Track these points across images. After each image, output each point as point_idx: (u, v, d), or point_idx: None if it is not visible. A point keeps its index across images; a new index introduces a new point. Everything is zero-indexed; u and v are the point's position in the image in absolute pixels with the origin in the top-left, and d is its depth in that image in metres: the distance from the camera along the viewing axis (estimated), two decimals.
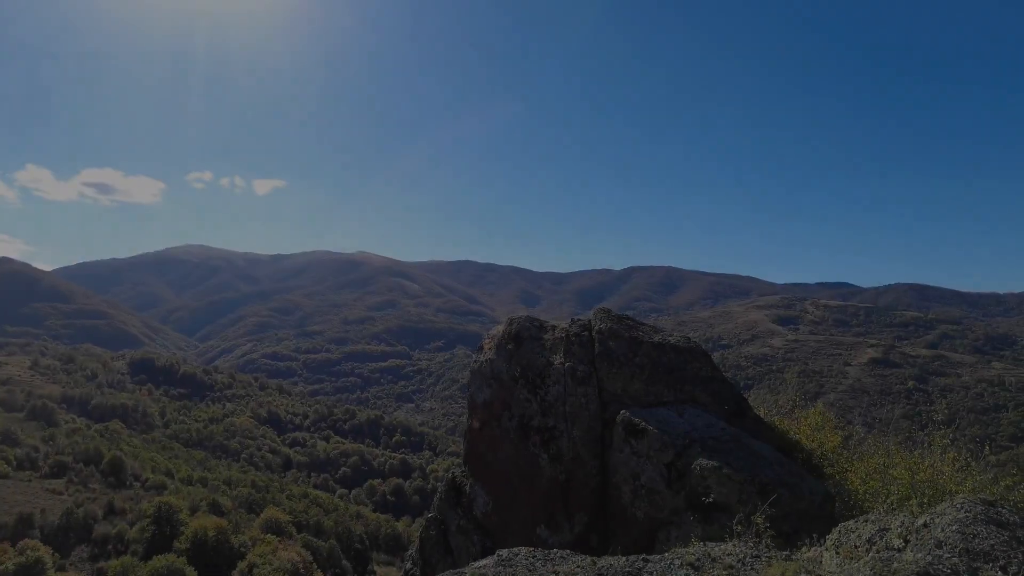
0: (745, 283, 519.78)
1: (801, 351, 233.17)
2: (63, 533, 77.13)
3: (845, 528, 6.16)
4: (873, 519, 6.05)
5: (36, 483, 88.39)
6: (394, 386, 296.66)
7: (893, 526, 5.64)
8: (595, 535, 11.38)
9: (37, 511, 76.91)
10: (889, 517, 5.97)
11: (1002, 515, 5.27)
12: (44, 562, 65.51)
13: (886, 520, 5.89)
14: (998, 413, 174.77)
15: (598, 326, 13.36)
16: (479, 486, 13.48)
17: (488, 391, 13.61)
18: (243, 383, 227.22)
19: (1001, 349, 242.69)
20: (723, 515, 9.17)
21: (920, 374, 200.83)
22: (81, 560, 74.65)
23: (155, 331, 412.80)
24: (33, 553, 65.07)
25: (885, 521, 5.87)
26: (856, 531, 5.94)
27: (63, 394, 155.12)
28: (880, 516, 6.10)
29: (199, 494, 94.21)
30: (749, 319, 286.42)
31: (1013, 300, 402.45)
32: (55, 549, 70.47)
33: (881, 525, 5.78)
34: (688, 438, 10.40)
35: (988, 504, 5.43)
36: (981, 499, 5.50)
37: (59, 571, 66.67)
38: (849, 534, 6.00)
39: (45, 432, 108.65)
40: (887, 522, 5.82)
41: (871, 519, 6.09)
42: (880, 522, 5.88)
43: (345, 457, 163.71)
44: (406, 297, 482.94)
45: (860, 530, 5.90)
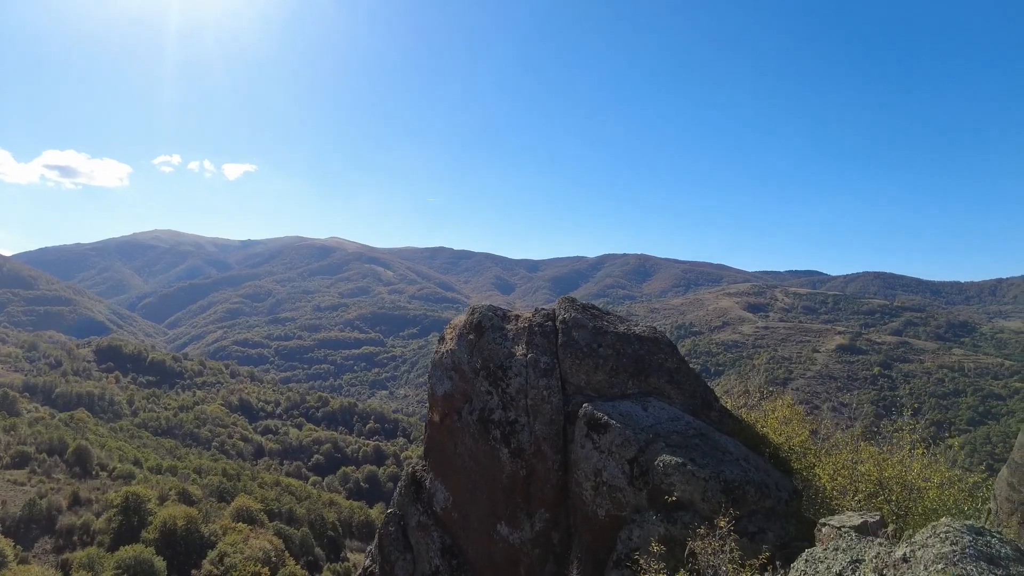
0: (717, 271, 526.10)
1: (771, 338, 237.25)
2: (25, 524, 75.09)
3: (812, 558, 5.52)
4: (844, 547, 5.38)
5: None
6: (368, 373, 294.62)
7: (867, 557, 4.99)
8: (556, 532, 11.07)
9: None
10: (863, 546, 5.31)
11: (992, 547, 4.53)
12: (5, 554, 63.69)
13: (859, 549, 5.24)
14: (957, 398, 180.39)
15: (562, 315, 12.94)
16: (439, 481, 13.14)
17: (448, 383, 13.21)
18: (214, 370, 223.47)
19: (961, 336, 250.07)
20: (686, 514, 8.88)
21: (885, 360, 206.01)
22: (45, 552, 72.83)
23: (123, 318, 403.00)
24: None
25: (858, 551, 5.20)
26: (825, 562, 5.29)
27: (25, 382, 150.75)
28: (852, 544, 5.42)
29: (168, 483, 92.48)
30: (720, 306, 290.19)
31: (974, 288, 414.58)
32: (17, 541, 68.55)
33: (853, 555, 5.12)
34: (652, 432, 10.07)
35: (976, 533, 4.68)
36: (967, 527, 4.75)
37: (21, 563, 64.98)
38: (817, 564, 5.35)
39: (6, 422, 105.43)
40: (860, 552, 5.15)
41: (842, 547, 5.41)
42: (852, 551, 5.21)
43: (318, 445, 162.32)
44: (380, 284, 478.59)
45: (829, 561, 5.26)
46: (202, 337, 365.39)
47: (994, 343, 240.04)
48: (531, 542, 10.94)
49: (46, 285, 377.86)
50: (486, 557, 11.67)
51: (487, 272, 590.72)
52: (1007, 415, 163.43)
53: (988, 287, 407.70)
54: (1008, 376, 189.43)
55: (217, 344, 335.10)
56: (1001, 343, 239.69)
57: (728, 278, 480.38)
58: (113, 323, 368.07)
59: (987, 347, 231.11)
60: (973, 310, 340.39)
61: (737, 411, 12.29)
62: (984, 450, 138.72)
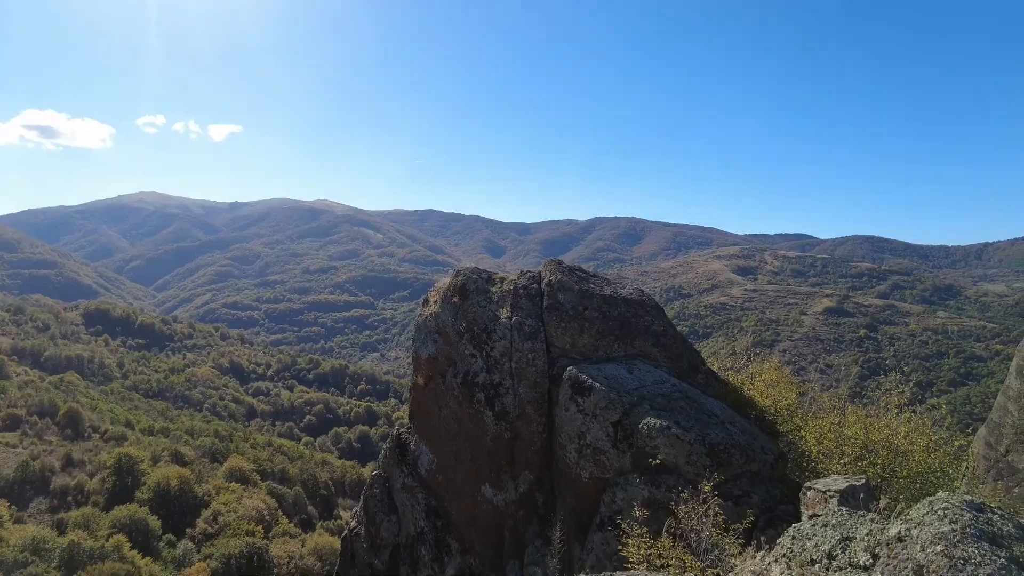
0: (707, 234, 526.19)
1: (759, 301, 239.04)
2: (19, 485, 75.54)
3: (800, 532, 5.01)
4: (834, 523, 4.90)
5: None
6: (359, 336, 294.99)
7: (858, 535, 4.56)
8: (541, 494, 11.06)
9: None
10: (854, 522, 4.83)
11: (994, 525, 4.13)
12: (0, 515, 64.29)
13: (850, 526, 4.76)
14: (940, 360, 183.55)
15: (548, 278, 12.68)
16: (424, 443, 13.07)
17: (432, 346, 13.02)
18: (203, 333, 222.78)
19: (947, 299, 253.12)
20: (671, 477, 8.82)
21: (871, 323, 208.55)
22: (40, 512, 73.45)
23: (110, 281, 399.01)
24: None
25: (849, 527, 4.73)
26: (813, 539, 4.81)
27: (13, 346, 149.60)
28: (842, 519, 4.94)
29: (161, 444, 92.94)
30: (709, 269, 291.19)
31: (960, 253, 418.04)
32: (11, 502, 69.07)
33: (844, 532, 4.67)
34: (637, 395, 9.96)
35: (977, 510, 4.28)
36: (967, 503, 4.37)
37: (17, 523, 65.56)
38: (804, 542, 4.85)
39: None
40: (851, 528, 4.69)
41: (831, 523, 4.93)
42: (843, 528, 4.75)
43: (310, 406, 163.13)
44: (369, 247, 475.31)
45: (818, 538, 4.77)
46: (191, 300, 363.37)
47: (978, 306, 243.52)
48: (515, 504, 10.94)
49: (30, 248, 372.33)
50: (470, 518, 11.73)
51: (477, 235, 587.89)
52: (987, 376, 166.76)
53: (975, 251, 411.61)
54: (990, 338, 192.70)
55: (206, 307, 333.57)
56: (985, 306, 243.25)
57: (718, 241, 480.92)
58: (100, 286, 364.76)
59: (971, 310, 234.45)
60: (959, 274, 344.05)
61: (724, 374, 12.17)
62: (964, 410, 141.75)
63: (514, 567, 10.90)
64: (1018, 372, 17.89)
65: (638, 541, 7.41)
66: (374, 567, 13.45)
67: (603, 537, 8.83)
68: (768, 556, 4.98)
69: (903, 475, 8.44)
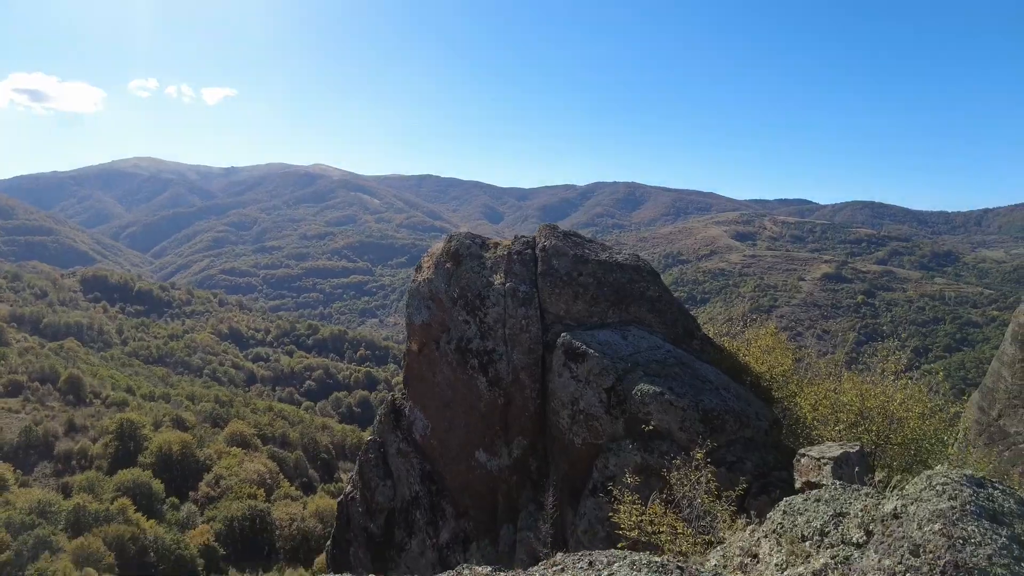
0: (706, 199, 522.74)
1: (757, 266, 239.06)
2: (23, 450, 76.49)
3: (791, 507, 4.76)
4: (827, 498, 4.63)
5: None
6: (357, 302, 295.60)
7: (852, 511, 4.33)
8: (534, 460, 11.07)
9: None
10: (848, 497, 4.56)
11: (995, 501, 3.89)
12: (5, 478, 65.15)
13: (844, 501, 4.50)
14: (936, 325, 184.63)
15: (542, 243, 12.50)
16: (418, 409, 13.08)
17: (426, 312, 12.94)
18: (202, 299, 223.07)
19: (945, 265, 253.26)
20: (663, 443, 8.81)
21: (869, 289, 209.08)
22: (45, 476, 74.53)
23: (107, 248, 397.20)
24: None
25: (842, 502, 4.47)
26: (805, 515, 4.56)
27: (11, 313, 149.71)
28: (835, 494, 4.67)
29: (162, 410, 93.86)
30: (708, 235, 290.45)
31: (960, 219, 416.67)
32: (16, 466, 69.97)
33: (837, 508, 4.42)
34: (631, 361, 9.88)
35: (977, 485, 4.05)
36: (967, 478, 4.14)
37: (22, 487, 66.56)
38: (796, 517, 4.61)
39: None
40: (844, 504, 4.43)
41: (824, 498, 4.67)
42: (836, 503, 4.49)
43: (310, 371, 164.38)
44: (366, 212, 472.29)
45: (810, 514, 4.53)
46: (188, 266, 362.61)
47: (975, 272, 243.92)
48: (509, 469, 11.00)
49: (25, 215, 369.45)
50: (465, 483, 11.84)
51: (475, 201, 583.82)
52: (982, 342, 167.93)
53: (974, 217, 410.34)
54: (986, 304, 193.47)
55: (204, 273, 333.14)
56: (982, 272, 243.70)
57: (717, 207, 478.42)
58: (97, 253, 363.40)
59: (969, 276, 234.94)
60: (958, 240, 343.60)
61: (720, 340, 12.10)
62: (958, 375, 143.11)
63: (508, 531, 11.04)
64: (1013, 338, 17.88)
65: (630, 508, 7.43)
66: (369, 531, 13.64)
67: (595, 502, 8.88)
68: (758, 531, 4.70)
69: (897, 442, 8.42)
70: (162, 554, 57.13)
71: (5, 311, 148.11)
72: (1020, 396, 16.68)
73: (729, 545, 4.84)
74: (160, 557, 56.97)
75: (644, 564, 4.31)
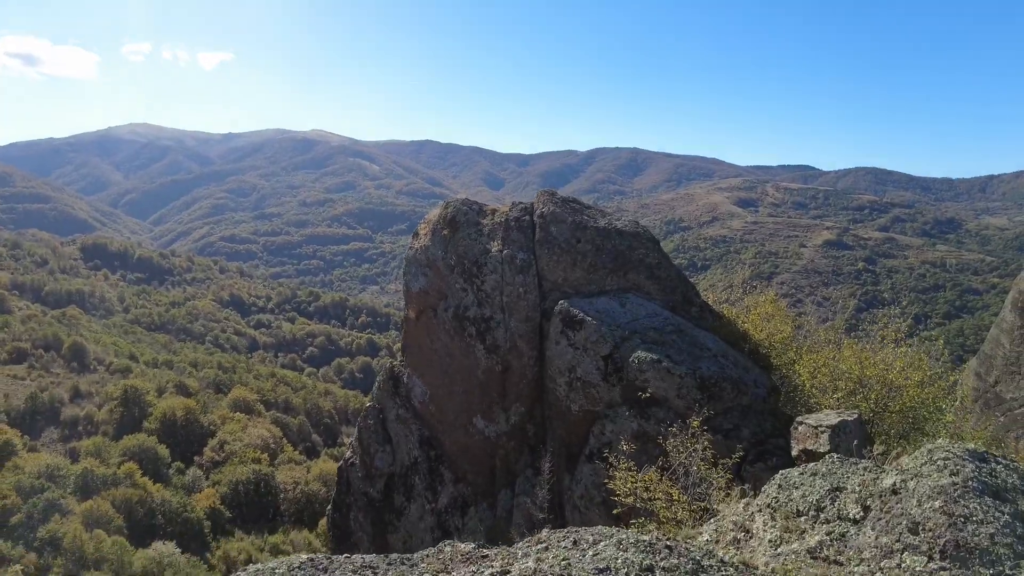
0: (709, 165, 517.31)
1: (759, 233, 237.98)
2: (30, 416, 77.47)
3: (786, 481, 4.54)
4: (824, 472, 4.43)
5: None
6: (358, 269, 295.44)
7: (850, 485, 4.16)
8: (532, 426, 11.16)
9: (0, 396, 76.71)
10: (845, 471, 4.35)
11: (998, 477, 3.75)
12: (13, 444, 66.13)
13: (841, 475, 4.30)
14: (936, 293, 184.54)
15: (540, 210, 12.28)
16: (417, 376, 13.11)
17: (423, 279, 12.83)
18: (202, 267, 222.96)
19: (947, 232, 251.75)
20: (660, 410, 8.80)
21: (870, 256, 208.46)
22: (52, 441, 75.61)
23: (105, 215, 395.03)
24: (0, 436, 65.54)
25: (839, 477, 4.28)
26: (800, 488, 4.38)
27: (12, 280, 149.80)
28: (832, 468, 4.45)
29: (165, 376, 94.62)
30: (710, 201, 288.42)
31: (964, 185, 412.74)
32: (23, 432, 70.97)
33: (834, 482, 4.24)
34: (628, 329, 9.81)
35: (980, 460, 3.89)
36: (969, 452, 3.99)
37: (30, 452, 67.62)
38: (791, 491, 4.41)
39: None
40: (842, 478, 4.24)
41: (821, 472, 4.46)
42: (833, 477, 4.30)
43: (312, 338, 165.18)
44: (366, 178, 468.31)
45: (806, 488, 4.34)
46: (188, 234, 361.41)
47: (978, 240, 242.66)
48: (506, 435, 11.04)
49: (22, 182, 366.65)
50: (463, 449, 11.92)
51: (475, 167, 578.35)
52: (982, 309, 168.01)
53: (978, 184, 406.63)
54: (987, 272, 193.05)
55: (204, 240, 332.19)
56: (985, 239, 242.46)
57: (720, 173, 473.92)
58: (96, 220, 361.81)
59: (971, 243, 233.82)
60: (961, 207, 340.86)
61: (719, 307, 11.98)
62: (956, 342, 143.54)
63: (506, 496, 11.16)
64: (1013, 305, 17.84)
65: (625, 475, 7.46)
66: (369, 496, 13.81)
67: (592, 468, 8.93)
68: (752, 505, 4.52)
69: (896, 409, 8.39)
70: (170, 517, 58.35)
71: (6, 279, 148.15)
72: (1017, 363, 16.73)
73: (722, 519, 4.68)
74: (168, 520, 58.21)
75: (631, 543, 4.17)
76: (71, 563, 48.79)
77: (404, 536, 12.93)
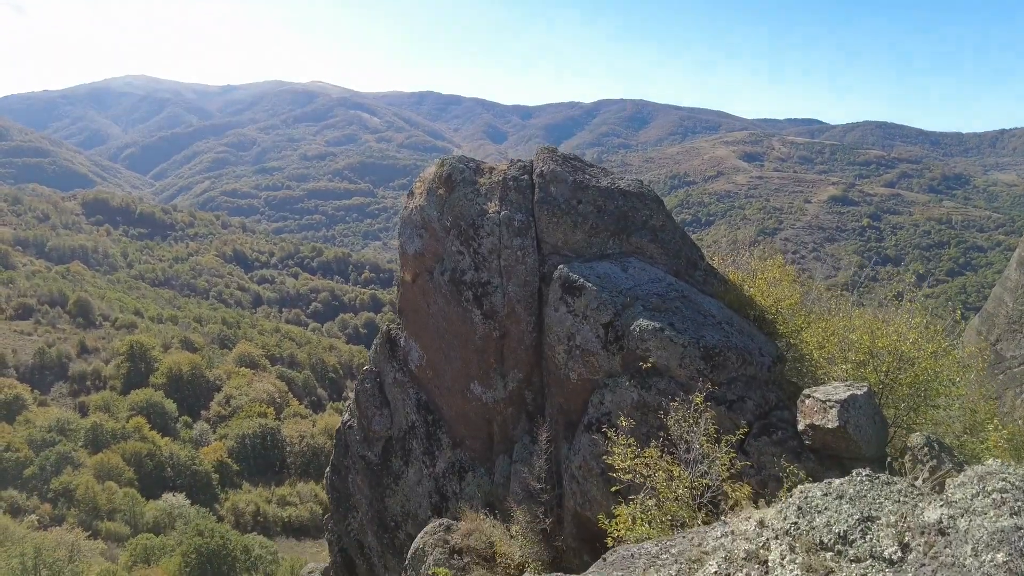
0: (715, 118, 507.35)
1: (764, 188, 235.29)
2: (39, 371, 78.52)
3: (807, 503, 3.85)
4: (852, 495, 3.74)
5: (2, 325, 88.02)
6: (360, 224, 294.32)
7: (883, 514, 3.49)
8: (530, 392, 10.90)
9: (8, 351, 77.43)
10: (877, 493, 3.71)
11: None
12: (24, 398, 67.24)
13: (871, 499, 3.66)
14: (940, 249, 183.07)
15: (539, 168, 11.80)
16: (413, 340, 12.85)
17: (419, 241, 12.48)
18: (204, 222, 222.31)
19: (955, 188, 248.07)
20: (661, 380, 8.61)
21: (875, 212, 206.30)
22: (61, 396, 76.85)
23: (105, 170, 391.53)
24: (11, 391, 66.54)
25: (870, 502, 3.63)
26: (825, 514, 3.69)
27: (15, 236, 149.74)
28: (863, 489, 3.77)
29: (170, 332, 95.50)
30: (716, 155, 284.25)
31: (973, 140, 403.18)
32: (33, 386, 72.04)
33: (864, 510, 3.56)
34: (630, 295, 9.53)
35: None
36: None
37: (40, 406, 68.78)
38: (814, 516, 3.72)
39: (3, 275, 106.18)
40: (874, 504, 3.60)
41: (848, 495, 3.77)
42: (863, 502, 3.63)
43: (315, 293, 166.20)
44: (366, 131, 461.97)
45: (831, 514, 3.67)
46: (190, 188, 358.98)
47: (985, 196, 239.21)
48: (504, 402, 10.92)
49: (20, 136, 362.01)
50: (460, 414, 11.84)
51: (478, 119, 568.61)
52: (986, 267, 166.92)
53: (989, 138, 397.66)
54: (993, 229, 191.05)
55: (206, 195, 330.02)
56: (992, 196, 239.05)
57: (726, 126, 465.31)
58: (96, 175, 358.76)
59: (978, 200, 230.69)
60: (970, 162, 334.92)
61: (724, 270, 11.66)
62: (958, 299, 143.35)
63: (504, 462, 11.13)
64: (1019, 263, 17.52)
65: (623, 450, 7.34)
66: (367, 459, 13.86)
67: (590, 439, 8.81)
68: (767, 528, 3.92)
69: (907, 381, 8.18)
70: (179, 469, 59.73)
71: (8, 234, 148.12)
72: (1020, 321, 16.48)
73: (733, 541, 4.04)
74: (177, 472, 59.60)
75: None
76: (85, 513, 50.19)
77: (402, 500, 13.01)
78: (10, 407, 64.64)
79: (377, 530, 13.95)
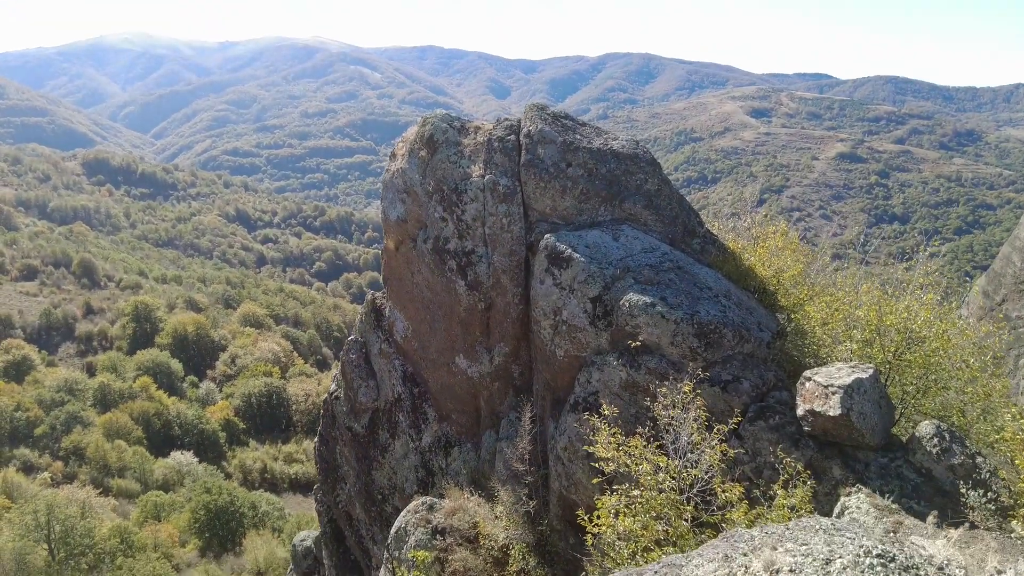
0: (723, 72, 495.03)
1: (771, 144, 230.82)
2: (45, 332, 79.15)
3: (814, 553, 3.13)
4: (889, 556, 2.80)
5: (8, 286, 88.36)
6: (362, 183, 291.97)
7: None
8: (517, 366, 10.55)
9: (15, 312, 77.91)
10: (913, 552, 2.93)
11: None
12: (31, 359, 67.97)
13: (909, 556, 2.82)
14: (949, 208, 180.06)
15: (527, 128, 10.92)
16: (398, 310, 12.29)
17: (401, 207, 11.79)
18: (206, 181, 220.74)
19: (966, 145, 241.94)
20: (652, 358, 8.11)
21: (883, 169, 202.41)
22: (69, 356, 77.62)
23: (105, 129, 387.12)
24: (19, 351, 67.23)
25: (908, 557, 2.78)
26: None
27: (17, 197, 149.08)
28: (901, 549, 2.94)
29: (175, 292, 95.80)
30: (723, 111, 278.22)
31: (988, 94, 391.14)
32: (40, 347, 72.73)
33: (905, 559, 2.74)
34: (621, 267, 8.96)
35: None
36: None
37: (49, 367, 69.54)
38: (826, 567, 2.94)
39: (6, 236, 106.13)
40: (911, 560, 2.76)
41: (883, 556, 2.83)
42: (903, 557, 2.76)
43: (319, 252, 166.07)
44: (367, 87, 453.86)
45: None
46: (191, 147, 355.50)
47: (997, 152, 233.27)
48: (490, 376, 10.49)
49: (17, 94, 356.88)
50: (446, 388, 11.45)
51: (481, 74, 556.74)
52: (994, 225, 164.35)
53: (1004, 93, 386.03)
54: (1003, 186, 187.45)
55: (207, 154, 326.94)
56: (1004, 152, 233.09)
57: (734, 80, 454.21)
58: (96, 134, 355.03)
59: (989, 156, 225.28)
60: (983, 118, 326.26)
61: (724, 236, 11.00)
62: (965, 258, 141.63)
63: (490, 438, 10.80)
64: None
65: (607, 438, 6.93)
66: (354, 431, 13.60)
67: (576, 419, 8.38)
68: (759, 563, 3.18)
69: (917, 362, 7.66)
70: (186, 428, 60.61)
71: (10, 195, 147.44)
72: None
73: None
74: (184, 431, 60.51)
75: None
76: (95, 471, 51.17)
77: (389, 473, 12.78)
78: (19, 367, 65.44)
79: (365, 502, 13.77)
